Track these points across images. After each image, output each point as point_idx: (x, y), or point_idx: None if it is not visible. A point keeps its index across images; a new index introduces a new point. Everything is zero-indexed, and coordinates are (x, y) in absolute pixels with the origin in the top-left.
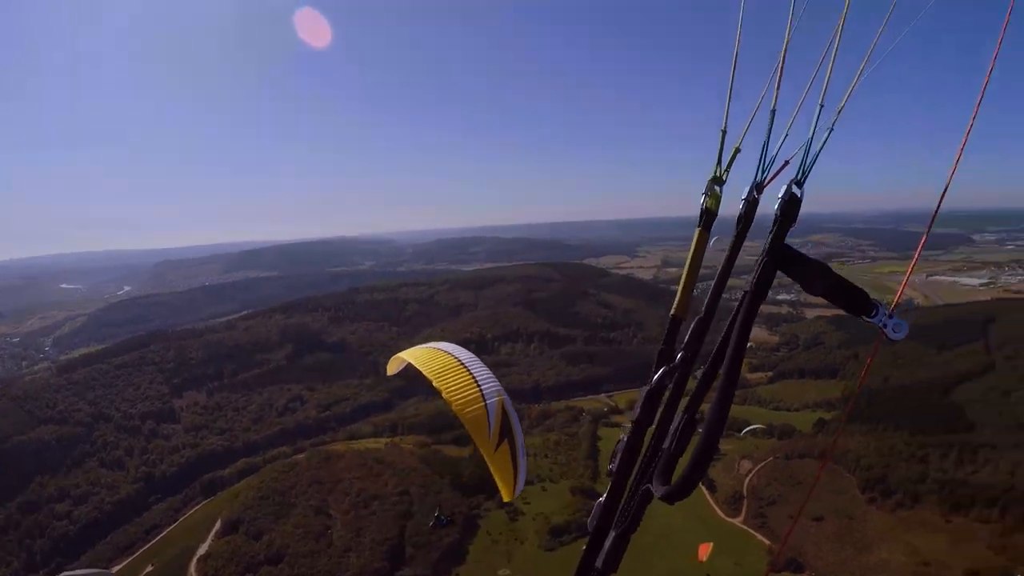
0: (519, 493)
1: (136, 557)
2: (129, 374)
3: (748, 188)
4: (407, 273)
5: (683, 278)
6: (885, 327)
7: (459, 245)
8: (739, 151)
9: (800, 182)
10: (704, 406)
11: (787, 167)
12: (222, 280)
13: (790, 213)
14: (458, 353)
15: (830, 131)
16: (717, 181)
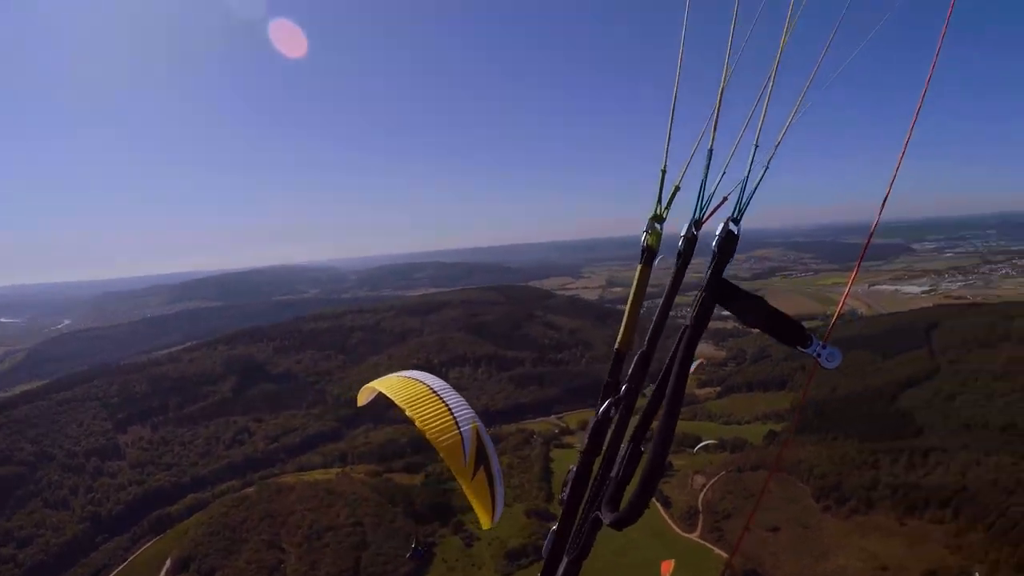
0: (498, 519)
1: None
2: (72, 410)
3: (687, 226)
4: (351, 300)
5: (626, 313)
6: (819, 357)
7: (403, 271)
8: (679, 189)
9: (736, 219)
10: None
11: (725, 204)
12: (165, 311)
13: (727, 249)
14: (430, 381)
15: (765, 169)
16: (657, 219)
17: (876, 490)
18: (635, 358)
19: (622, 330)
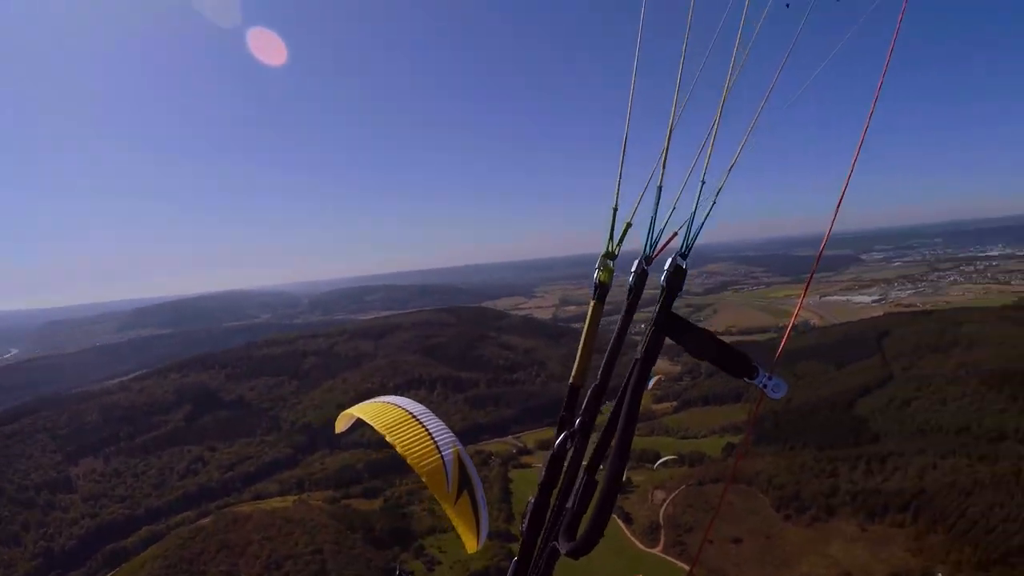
0: (483, 542)
1: None
2: (20, 443)
3: (637, 261)
4: (304, 325)
5: (580, 348)
6: (765, 387)
7: (355, 294)
8: (630, 226)
9: (684, 254)
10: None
11: (675, 238)
12: (115, 339)
13: (675, 284)
14: (409, 406)
15: (712, 204)
16: (609, 256)
17: (836, 497)
18: (589, 392)
19: (576, 365)
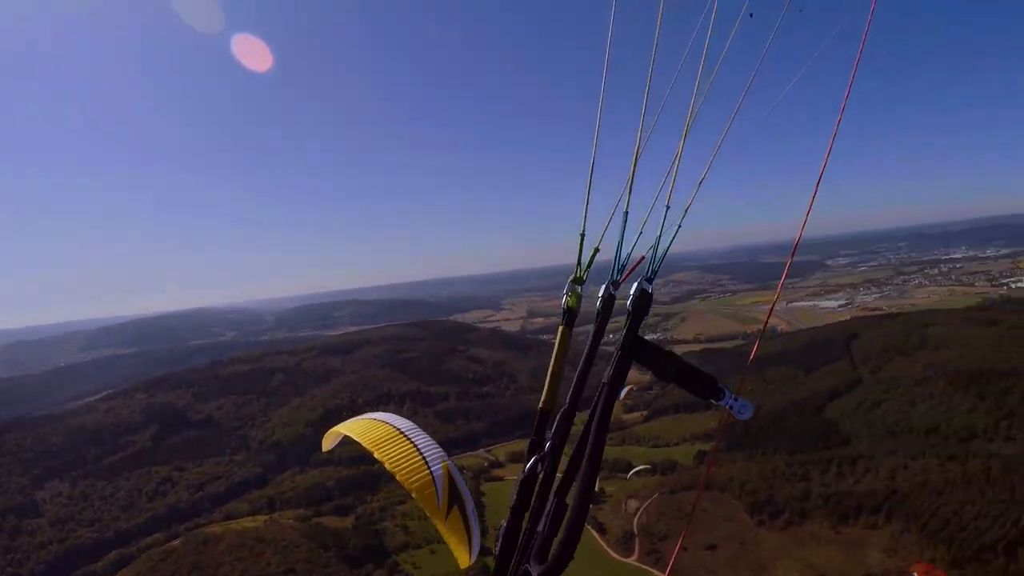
0: (475, 557)
1: None
2: None
3: (604, 286)
4: (270, 342)
5: (549, 372)
6: (732, 408)
7: (322, 310)
8: (598, 251)
9: (650, 279)
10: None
11: (642, 262)
12: (79, 360)
13: (641, 308)
14: (396, 422)
15: (678, 228)
16: (577, 281)
17: (809, 501)
18: (558, 416)
19: (545, 389)
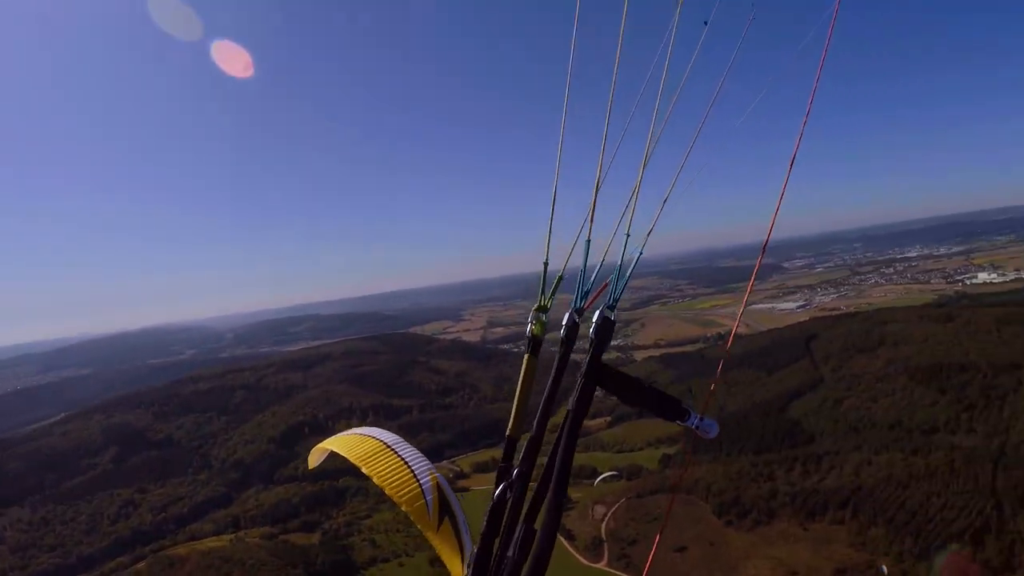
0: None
1: None
2: None
3: (568, 314)
4: (230, 359)
5: (515, 400)
6: (698, 429)
7: (280, 325)
8: (563, 279)
9: (612, 306)
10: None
11: (606, 288)
12: (35, 382)
13: (604, 335)
14: (383, 436)
15: (639, 255)
16: (542, 309)
17: (776, 500)
18: (525, 443)
19: (512, 417)
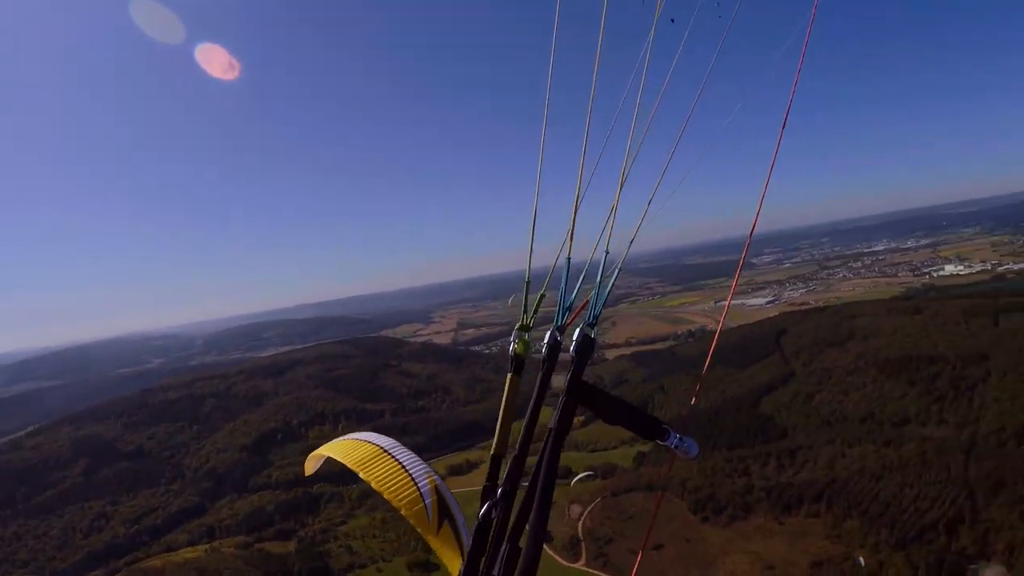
0: None
1: None
2: None
3: (549, 332)
4: (199, 367)
5: (499, 419)
6: (677, 448)
7: (250, 331)
8: (544, 296)
9: (592, 324)
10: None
11: (587, 305)
12: (1, 394)
13: (584, 353)
14: (379, 441)
15: (617, 273)
16: (524, 328)
17: (751, 495)
18: (509, 462)
19: (496, 435)
